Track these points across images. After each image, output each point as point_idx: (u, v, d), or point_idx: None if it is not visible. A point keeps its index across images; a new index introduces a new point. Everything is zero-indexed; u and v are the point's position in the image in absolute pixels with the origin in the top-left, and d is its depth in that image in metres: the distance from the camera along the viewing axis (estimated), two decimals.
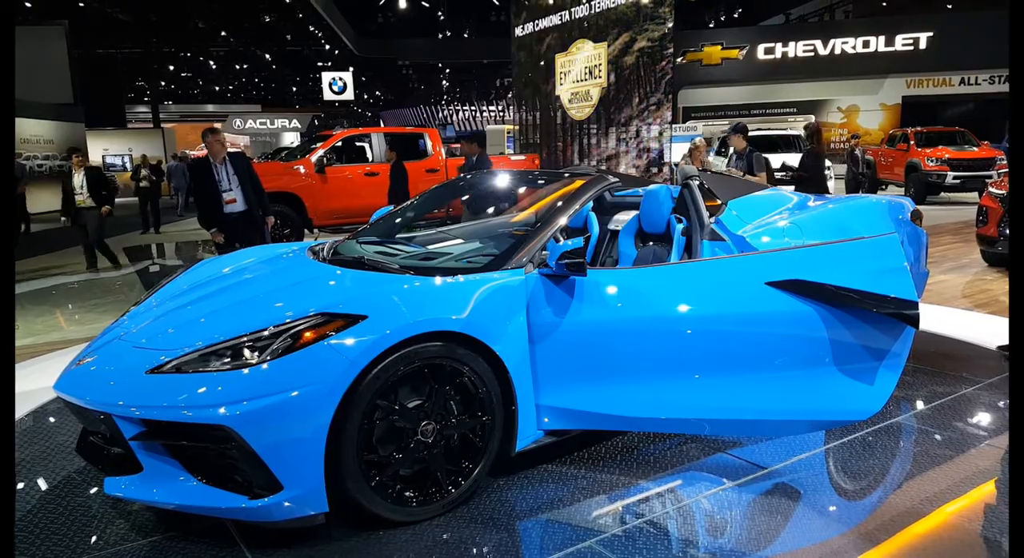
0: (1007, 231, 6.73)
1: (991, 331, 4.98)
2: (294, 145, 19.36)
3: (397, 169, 9.55)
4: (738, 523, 2.58)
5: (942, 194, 15.09)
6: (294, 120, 38.63)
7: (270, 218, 6.06)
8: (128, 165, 25.62)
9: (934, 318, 5.31)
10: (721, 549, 2.42)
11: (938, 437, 3.30)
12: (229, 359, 2.38)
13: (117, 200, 23.16)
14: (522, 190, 4.78)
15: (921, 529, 2.52)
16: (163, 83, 38.48)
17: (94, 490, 2.87)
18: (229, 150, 5.88)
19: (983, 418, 3.51)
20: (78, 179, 8.91)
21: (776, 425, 3.03)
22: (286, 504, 2.30)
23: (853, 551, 2.39)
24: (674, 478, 2.92)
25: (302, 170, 10.36)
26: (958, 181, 14.43)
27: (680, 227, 3.60)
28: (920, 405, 3.69)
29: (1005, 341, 3.02)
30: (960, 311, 5.76)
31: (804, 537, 2.50)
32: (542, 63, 16.13)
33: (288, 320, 2.47)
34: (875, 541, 2.44)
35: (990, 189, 7.45)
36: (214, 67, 35.57)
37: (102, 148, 29.85)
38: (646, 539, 2.46)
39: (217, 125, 21.51)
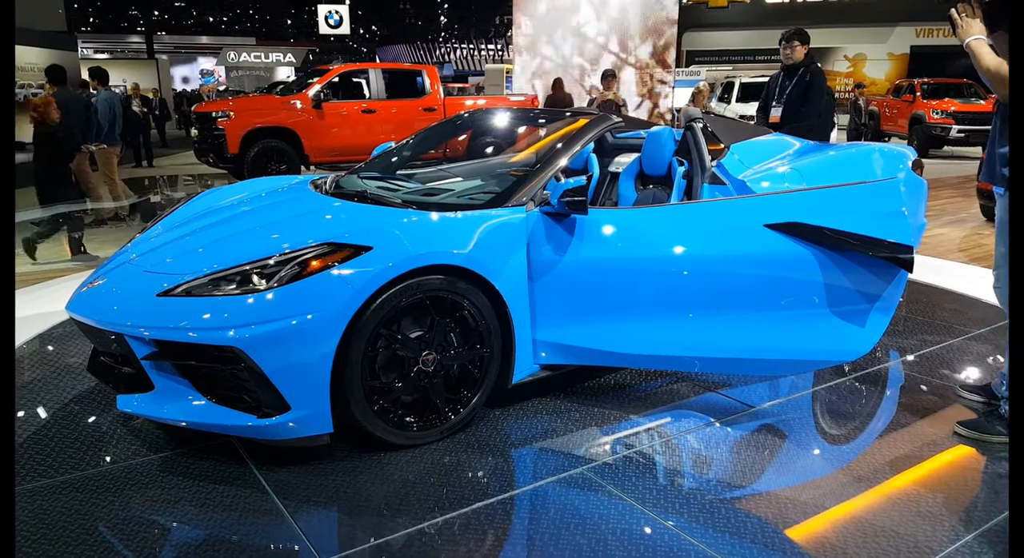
0: None
1: (985, 284, 5.04)
2: (290, 80, 18.98)
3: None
4: (725, 458, 2.68)
5: (946, 147, 14.98)
6: (288, 55, 37.78)
7: None
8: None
9: (928, 269, 5.38)
10: (708, 480, 2.52)
11: (924, 386, 3.39)
12: (238, 285, 2.44)
13: None
14: (523, 129, 4.76)
15: (907, 477, 2.56)
16: (156, 13, 37.51)
17: (103, 410, 2.96)
18: None
19: (969, 368, 3.60)
20: None
21: (766, 364, 3.11)
22: (293, 424, 2.39)
23: (843, 494, 2.41)
24: (664, 414, 3.02)
25: (299, 105, 10.21)
26: (962, 135, 14.25)
27: (681, 170, 3.61)
28: (908, 353, 3.78)
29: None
30: (955, 264, 5.84)
31: (792, 476, 2.57)
32: None
33: (296, 249, 2.52)
34: (864, 483, 2.48)
35: None
36: None
37: None
38: (635, 468, 2.57)
39: None
